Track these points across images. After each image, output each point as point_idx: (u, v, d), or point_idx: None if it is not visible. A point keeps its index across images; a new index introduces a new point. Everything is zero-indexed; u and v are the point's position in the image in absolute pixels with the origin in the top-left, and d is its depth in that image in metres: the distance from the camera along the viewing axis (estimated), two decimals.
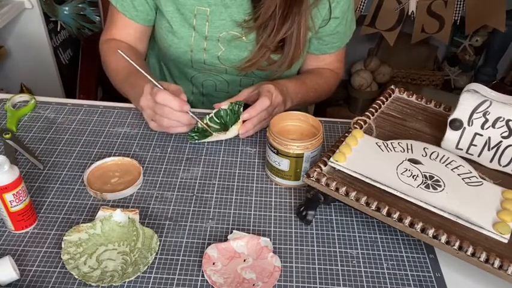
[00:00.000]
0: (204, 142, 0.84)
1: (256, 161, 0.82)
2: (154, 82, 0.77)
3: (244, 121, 0.82)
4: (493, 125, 0.67)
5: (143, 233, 0.65)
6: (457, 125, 0.69)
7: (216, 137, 0.83)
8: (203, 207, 0.72)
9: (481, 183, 0.64)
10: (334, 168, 0.67)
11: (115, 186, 0.74)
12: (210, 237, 0.67)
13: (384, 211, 0.60)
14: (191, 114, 0.79)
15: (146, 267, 0.60)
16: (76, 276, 0.59)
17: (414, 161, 0.67)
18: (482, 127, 0.68)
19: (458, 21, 1.75)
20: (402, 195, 0.62)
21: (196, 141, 0.83)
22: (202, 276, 0.61)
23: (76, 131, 0.86)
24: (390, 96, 0.83)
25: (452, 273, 0.64)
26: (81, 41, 1.79)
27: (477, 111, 0.67)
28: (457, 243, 0.56)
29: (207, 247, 0.64)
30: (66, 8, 1.71)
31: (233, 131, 0.82)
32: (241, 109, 0.83)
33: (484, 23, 1.79)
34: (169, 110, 0.76)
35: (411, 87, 2.18)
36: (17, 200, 0.63)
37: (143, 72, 0.78)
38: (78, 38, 1.78)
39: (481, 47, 2.17)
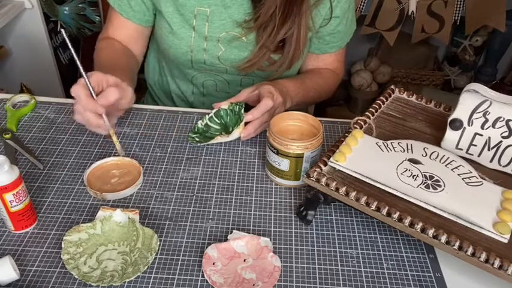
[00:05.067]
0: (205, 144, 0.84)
1: (256, 161, 0.82)
2: (83, 74, 0.71)
3: (246, 123, 0.82)
4: (493, 125, 0.67)
5: (143, 233, 0.65)
6: (457, 125, 0.69)
7: (218, 139, 0.83)
8: (203, 207, 0.72)
9: (481, 183, 0.64)
10: (334, 168, 0.67)
11: (115, 186, 0.74)
12: (210, 237, 0.67)
13: (384, 211, 0.60)
14: (105, 118, 0.74)
15: (146, 267, 0.60)
16: (76, 276, 0.59)
17: (414, 161, 0.67)
18: (482, 127, 0.68)
19: (458, 21, 1.75)
20: (402, 195, 0.62)
21: (198, 143, 0.83)
22: (202, 276, 0.61)
23: (76, 131, 0.86)
24: (390, 96, 0.83)
25: (452, 273, 0.64)
26: (81, 41, 1.79)
27: (477, 111, 0.67)
28: (457, 243, 0.56)
29: (207, 247, 0.64)
30: (66, 8, 1.71)
31: (235, 134, 0.82)
32: (242, 110, 0.83)
33: (484, 23, 1.79)
34: (79, 107, 0.73)
35: (411, 87, 2.18)
36: (17, 200, 0.63)
37: (77, 61, 0.72)
38: (78, 38, 1.78)
39: (481, 47, 2.17)
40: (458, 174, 0.66)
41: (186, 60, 0.96)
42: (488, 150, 0.68)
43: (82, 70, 0.72)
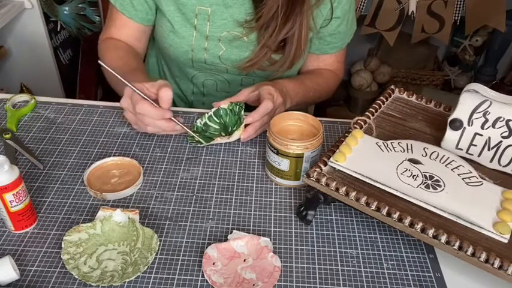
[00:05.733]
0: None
1: (256, 161, 0.82)
2: (135, 89, 0.75)
3: (246, 124, 0.82)
4: (493, 125, 0.67)
5: (143, 233, 0.65)
6: (457, 125, 0.69)
7: (218, 140, 0.82)
8: (203, 207, 0.72)
9: (481, 183, 0.64)
10: (334, 168, 0.67)
11: (115, 186, 0.74)
12: (210, 237, 0.67)
13: (384, 211, 0.60)
14: (175, 120, 0.78)
15: (146, 267, 0.60)
16: (76, 276, 0.59)
17: (414, 161, 0.67)
18: (482, 127, 0.68)
19: (458, 21, 1.75)
20: (402, 195, 0.62)
21: (198, 145, 0.83)
22: (202, 276, 0.61)
23: (76, 131, 0.86)
24: (390, 96, 0.83)
25: (452, 273, 0.64)
26: (81, 41, 1.79)
27: (477, 111, 0.67)
28: (457, 243, 0.56)
29: (207, 247, 0.64)
30: (66, 8, 1.71)
31: (235, 135, 0.82)
32: (242, 112, 0.83)
33: (484, 23, 1.79)
34: (150, 119, 0.76)
35: (411, 87, 2.18)
36: (17, 200, 0.63)
37: (124, 80, 0.76)
38: (78, 38, 1.78)
39: (481, 47, 2.17)
40: (458, 174, 0.66)
41: (187, 59, 0.96)
42: (488, 150, 0.68)
43: (135, 88, 0.76)
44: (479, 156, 0.69)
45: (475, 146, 0.69)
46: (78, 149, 0.82)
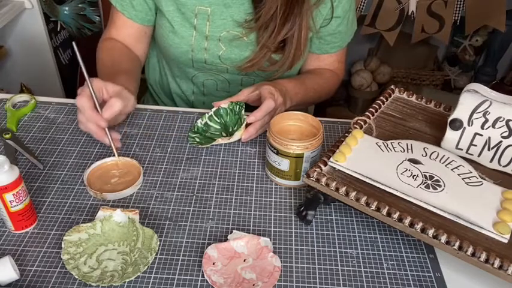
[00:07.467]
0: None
1: (256, 161, 0.82)
2: (89, 85, 0.72)
3: (247, 124, 0.82)
4: (493, 125, 0.67)
5: (143, 233, 0.65)
6: (457, 125, 0.69)
7: (219, 141, 0.82)
8: (203, 207, 0.72)
9: (481, 183, 0.64)
10: (334, 168, 0.67)
11: (115, 186, 0.74)
12: (210, 237, 0.67)
13: (384, 211, 0.60)
14: (107, 132, 0.75)
15: (146, 267, 0.60)
16: (76, 276, 0.59)
17: (414, 161, 0.67)
18: (482, 127, 0.68)
19: (458, 21, 1.75)
20: (402, 195, 0.62)
21: (198, 145, 0.83)
22: (202, 276, 0.61)
23: (76, 131, 0.86)
24: (390, 96, 0.83)
25: (452, 273, 0.64)
26: (81, 41, 1.79)
27: (477, 111, 0.67)
28: (457, 243, 0.56)
29: (207, 247, 0.64)
30: (66, 8, 1.71)
31: (236, 135, 0.82)
32: (243, 111, 0.83)
33: (484, 23, 1.80)
34: (82, 117, 0.74)
35: (411, 87, 2.18)
36: (17, 200, 0.63)
37: (84, 71, 0.73)
38: (78, 38, 1.78)
39: (481, 47, 2.17)
40: (458, 174, 0.66)
41: (187, 59, 0.96)
42: (488, 150, 0.68)
43: (89, 82, 0.73)
44: (479, 156, 0.69)
45: (475, 146, 0.69)
46: (78, 149, 0.82)
